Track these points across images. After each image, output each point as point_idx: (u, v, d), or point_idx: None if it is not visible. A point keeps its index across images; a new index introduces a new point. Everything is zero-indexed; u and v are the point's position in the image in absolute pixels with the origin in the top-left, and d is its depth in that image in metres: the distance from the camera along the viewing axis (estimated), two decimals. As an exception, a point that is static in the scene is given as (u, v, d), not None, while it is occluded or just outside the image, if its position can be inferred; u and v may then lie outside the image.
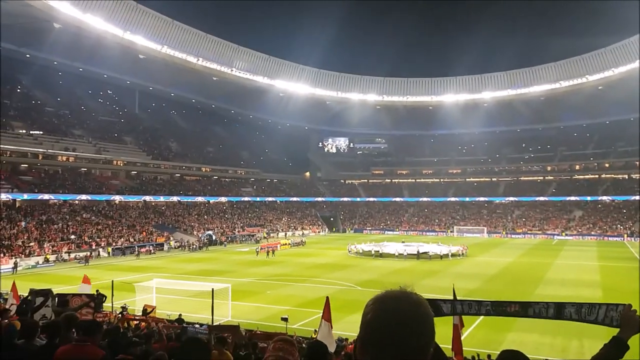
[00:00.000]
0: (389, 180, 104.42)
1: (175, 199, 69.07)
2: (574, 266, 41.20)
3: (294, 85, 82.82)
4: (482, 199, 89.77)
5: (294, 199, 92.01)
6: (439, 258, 46.32)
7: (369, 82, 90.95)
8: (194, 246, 55.30)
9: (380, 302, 1.19)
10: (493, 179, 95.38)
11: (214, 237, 60.85)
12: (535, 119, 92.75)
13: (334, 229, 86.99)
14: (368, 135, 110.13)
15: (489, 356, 14.30)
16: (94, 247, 48.43)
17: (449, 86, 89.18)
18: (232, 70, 74.78)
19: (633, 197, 75.89)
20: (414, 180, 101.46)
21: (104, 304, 14.38)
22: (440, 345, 2.16)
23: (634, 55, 66.57)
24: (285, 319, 17.59)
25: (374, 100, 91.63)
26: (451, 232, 79.76)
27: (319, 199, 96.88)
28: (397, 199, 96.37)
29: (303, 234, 75.49)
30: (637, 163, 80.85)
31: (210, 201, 75.63)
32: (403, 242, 57.32)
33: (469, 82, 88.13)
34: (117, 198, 61.68)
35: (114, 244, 50.60)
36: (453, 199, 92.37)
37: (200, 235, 60.80)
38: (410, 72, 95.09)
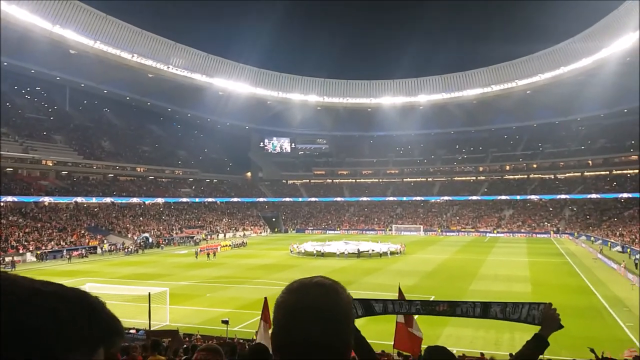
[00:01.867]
0: (330, 181, 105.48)
1: (108, 200, 66.18)
2: (505, 262, 43.31)
3: (234, 84, 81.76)
4: (418, 198, 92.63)
5: (235, 199, 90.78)
6: (378, 256, 47.29)
7: (309, 83, 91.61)
8: (130, 249, 53.15)
9: (291, 287, 1.19)
10: (429, 179, 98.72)
11: (150, 240, 58.82)
12: (468, 122, 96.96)
13: (276, 230, 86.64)
14: (309, 135, 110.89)
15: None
16: (21, 251, 45.48)
17: (386, 89, 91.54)
18: (168, 68, 72.73)
19: (558, 196, 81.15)
20: (354, 181, 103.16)
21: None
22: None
23: (560, 62, 71.02)
24: (226, 322, 17.26)
25: (314, 101, 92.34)
26: (390, 230, 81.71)
27: (261, 199, 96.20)
28: (338, 199, 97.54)
29: (244, 235, 74.61)
30: (562, 164, 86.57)
31: (146, 202, 73.04)
32: (344, 241, 58.06)
33: (406, 86, 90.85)
34: (47, 199, 58.50)
35: (43, 247, 47.72)
36: (391, 198, 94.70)
37: (135, 237, 58.54)
38: (350, 74, 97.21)
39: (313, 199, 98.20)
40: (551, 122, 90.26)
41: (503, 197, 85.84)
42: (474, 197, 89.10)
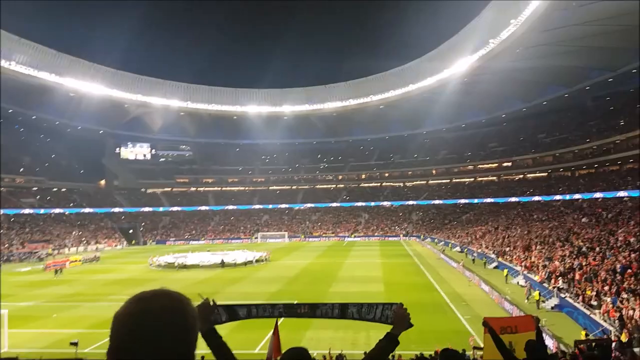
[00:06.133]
0: (194, 189, 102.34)
1: None
2: (361, 264, 46.18)
3: (87, 85, 75.04)
4: (283, 205, 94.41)
5: (87, 209, 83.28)
6: (243, 265, 47.20)
7: (172, 87, 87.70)
8: (-46, 270, 45.90)
9: (134, 298, 1.18)
10: (293, 187, 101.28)
11: (-18, 258, 51.48)
12: (328, 133, 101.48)
13: (133, 242, 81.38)
14: (172, 142, 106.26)
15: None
16: None
17: (252, 97, 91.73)
18: (10, 64, 64.47)
19: (407, 202, 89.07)
20: (219, 189, 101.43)
21: None
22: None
23: (409, 80, 77.57)
24: (74, 344, 16.02)
25: (177, 106, 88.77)
26: (255, 238, 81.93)
27: (116, 209, 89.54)
28: (203, 208, 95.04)
29: (97, 248, 68.89)
30: (410, 173, 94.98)
31: (-23, 215, 63.68)
32: (209, 251, 56.84)
33: (271, 95, 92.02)
34: None
35: None
36: (258, 206, 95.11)
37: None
38: (216, 81, 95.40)
39: (175, 208, 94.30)
40: (401, 134, 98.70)
41: (360, 204, 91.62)
42: (334, 204, 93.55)
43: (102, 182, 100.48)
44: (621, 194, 45.49)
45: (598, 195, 49.98)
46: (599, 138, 55.64)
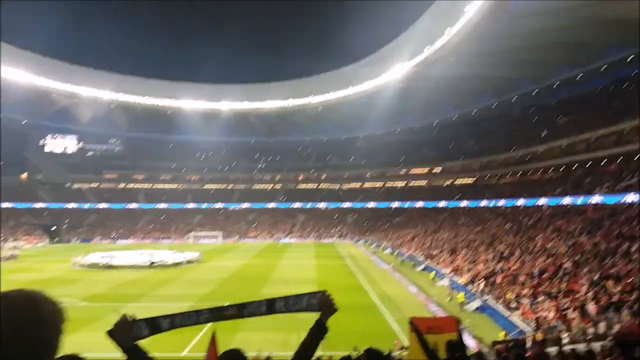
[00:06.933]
0: (124, 185, 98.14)
1: None
2: (296, 266, 46.31)
3: (9, 72, 69.96)
4: (218, 205, 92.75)
5: (5, 204, 77.40)
6: (173, 266, 45.89)
7: (104, 77, 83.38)
8: None
9: None
10: (229, 186, 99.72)
11: None
12: (267, 132, 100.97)
13: (55, 240, 76.81)
14: (101, 135, 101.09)
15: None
16: None
17: (188, 92, 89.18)
18: None
19: (342, 205, 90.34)
20: (151, 186, 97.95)
21: None
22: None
23: (347, 83, 78.64)
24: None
25: (108, 98, 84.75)
26: (188, 238, 79.90)
27: (39, 204, 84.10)
28: (132, 206, 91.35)
29: (15, 246, 64.34)
30: (346, 176, 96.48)
31: None
32: (137, 251, 54.77)
33: (209, 91, 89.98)
34: None
35: None
36: (191, 205, 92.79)
37: None
38: (150, 73, 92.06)
39: (102, 205, 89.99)
40: (338, 137, 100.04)
41: (296, 205, 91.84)
42: (271, 205, 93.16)
43: (24, 175, 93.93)
44: (541, 201, 48.57)
45: (520, 202, 53.06)
46: (523, 147, 59.10)
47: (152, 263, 45.48)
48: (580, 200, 41.73)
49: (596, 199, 39.28)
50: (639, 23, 37.69)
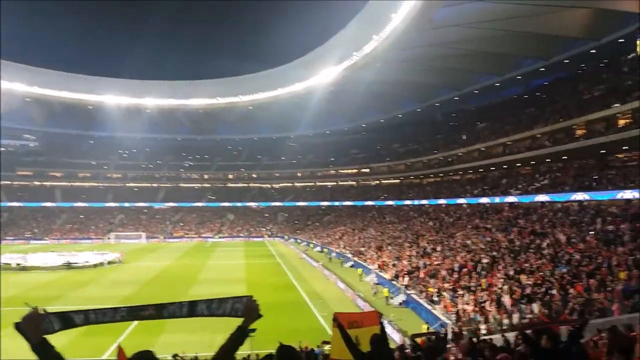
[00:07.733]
0: (39, 183, 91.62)
1: None
2: (224, 265, 45.62)
3: None
4: (142, 204, 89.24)
5: None
6: (93, 267, 43.65)
7: (17, 69, 76.91)
8: None
9: None
10: (154, 185, 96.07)
11: None
12: (195, 130, 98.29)
13: (-42, 241, 70.32)
14: (14, 130, 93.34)
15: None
16: None
17: (110, 87, 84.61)
18: None
19: (273, 203, 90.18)
20: (68, 184, 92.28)
21: None
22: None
23: (278, 84, 78.32)
24: None
25: (23, 91, 78.42)
26: (108, 238, 76.17)
27: (-64, 203, 76.63)
28: (48, 204, 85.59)
29: None
30: (277, 175, 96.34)
31: None
32: (53, 251, 51.39)
33: (132, 86, 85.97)
34: None
35: None
36: (112, 204, 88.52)
37: None
38: (69, 66, 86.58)
39: (15, 204, 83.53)
40: (270, 136, 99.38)
41: (226, 204, 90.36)
42: (199, 204, 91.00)
43: None
44: (460, 201, 51.24)
45: (442, 201, 55.68)
46: (445, 150, 61.92)
47: (70, 264, 42.98)
48: (497, 199, 44.48)
49: (511, 198, 42.04)
50: (550, 38, 40.88)
